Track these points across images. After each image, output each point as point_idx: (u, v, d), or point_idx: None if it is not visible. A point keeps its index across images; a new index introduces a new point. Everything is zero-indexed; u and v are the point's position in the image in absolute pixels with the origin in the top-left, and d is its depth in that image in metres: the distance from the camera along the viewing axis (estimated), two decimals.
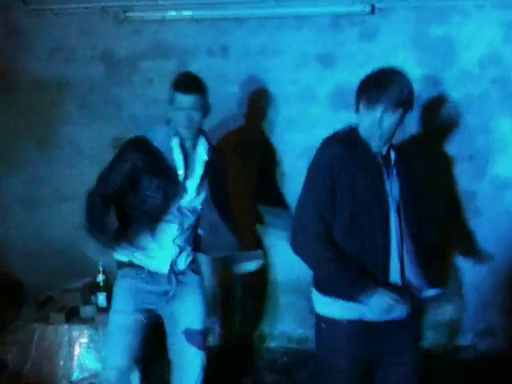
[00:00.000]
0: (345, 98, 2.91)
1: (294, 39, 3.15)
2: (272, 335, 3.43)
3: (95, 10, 3.20)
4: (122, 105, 3.30)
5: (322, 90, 3.18)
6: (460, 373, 3.07)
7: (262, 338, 3.44)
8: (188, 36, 3.20)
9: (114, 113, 3.30)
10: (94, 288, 2.96)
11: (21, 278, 3.44)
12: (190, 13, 3.15)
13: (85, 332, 2.85)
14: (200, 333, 2.25)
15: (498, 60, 3.08)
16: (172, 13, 3.16)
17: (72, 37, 3.24)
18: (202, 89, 2.09)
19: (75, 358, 2.84)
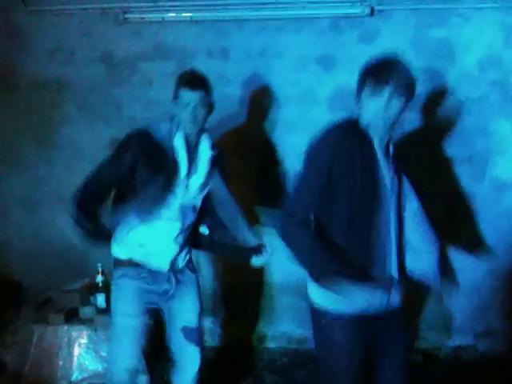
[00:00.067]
0: (344, 99, 2.92)
1: (294, 41, 3.16)
2: (272, 336, 3.43)
3: (95, 11, 3.20)
4: (121, 106, 3.30)
5: (322, 91, 3.19)
6: (460, 373, 3.08)
7: (261, 339, 3.44)
8: (188, 37, 3.20)
9: (114, 113, 3.30)
10: (93, 289, 2.97)
11: (20, 278, 3.44)
12: (189, 14, 3.14)
13: (84, 333, 2.86)
14: (197, 330, 2.29)
15: (497, 62, 3.08)
16: (172, 14, 3.16)
17: (72, 38, 3.25)
18: (207, 85, 2.10)
19: (74, 359, 2.85)
